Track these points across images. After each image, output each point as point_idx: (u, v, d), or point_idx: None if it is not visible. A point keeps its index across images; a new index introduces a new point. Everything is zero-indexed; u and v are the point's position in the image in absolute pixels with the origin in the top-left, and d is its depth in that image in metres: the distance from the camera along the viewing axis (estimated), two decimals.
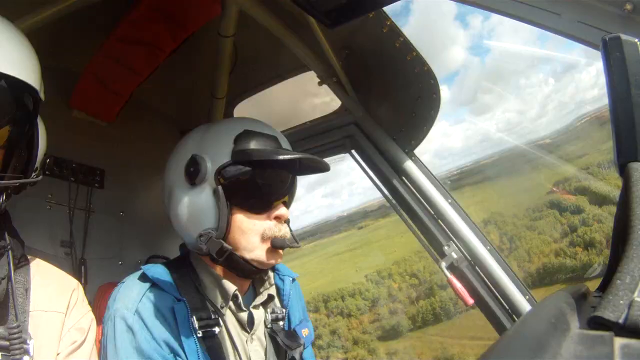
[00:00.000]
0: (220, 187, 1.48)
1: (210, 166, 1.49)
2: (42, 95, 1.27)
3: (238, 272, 1.57)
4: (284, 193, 1.59)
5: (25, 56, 1.20)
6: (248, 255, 1.51)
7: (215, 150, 1.52)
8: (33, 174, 1.29)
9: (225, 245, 1.47)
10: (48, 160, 1.37)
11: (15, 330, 1.15)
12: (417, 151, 2.48)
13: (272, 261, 1.54)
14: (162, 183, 1.66)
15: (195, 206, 1.51)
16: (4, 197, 1.20)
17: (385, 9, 1.95)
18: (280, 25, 2.19)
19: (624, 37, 0.69)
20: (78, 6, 1.93)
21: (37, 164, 1.31)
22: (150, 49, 2.20)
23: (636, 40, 0.69)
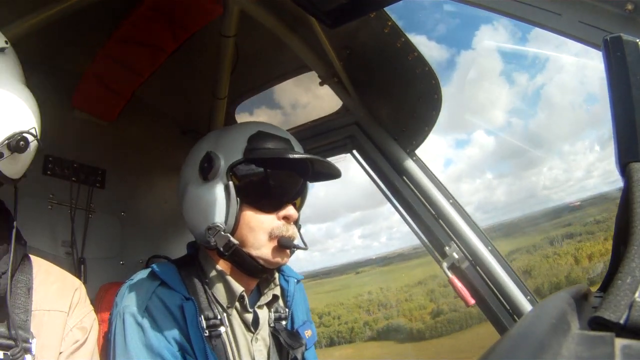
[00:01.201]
0: (231, 184, 1.52)
1: (223, 163, 1.54)
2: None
3: (244, 269, 1.58)
4: (294, 195, 1.63)
5: None
6: (255, 253, 1.54)
7: (229, 148, 1.57)
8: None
9: (232, 240, 1.51)
10: (22, 142, 1.18)
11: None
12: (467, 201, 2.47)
13: (279, 260, 1.56)
14: (178, 180, 1.71)
15: (206, 200, 1.55)
16: None
17: (386, 9, 1.95)
18: (282, 26, 2.20)
19: (625, 37, 0.69)
20: (79, 6, 1.94)
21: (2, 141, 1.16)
22: (152, 49, 2.20)
23: (637, 40, 0.69)
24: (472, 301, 2.28)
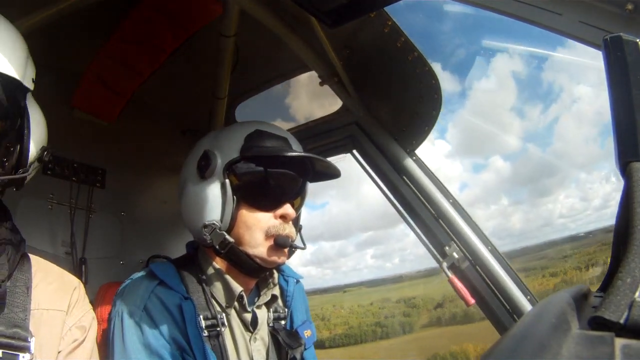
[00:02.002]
0: (227, 182, 1.53)
1: (220, 161, 1.55)
2: (28, 84, 1.24)
3: (241, 268, 1.58)
4: (292, 194, 1.63)
5: (9, 47, 1.17)
6: (251, 251, 1.54)
7: (226, 146, 1.58)
8: (22, 169, 1.24)
9: (228, 237, 1.51)
10: (46, 153, 1.32)
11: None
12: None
13: (275, 259, 1.56)
14: (179, 179, 1.71)
15: (202, 198, 1.56)
16: None
17: (386, 8, 1.95)
18: (282, 25, 2.19)
19: (625, 36, 0.69)
20: (79, 6, 1.93)
21: (33, 158, 1.28)
22: (152, 49, 2.20)
23: (637, 40, 0.69)
24: (472, 301, 2.28)
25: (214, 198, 1.54)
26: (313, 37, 2.19)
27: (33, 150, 1.27)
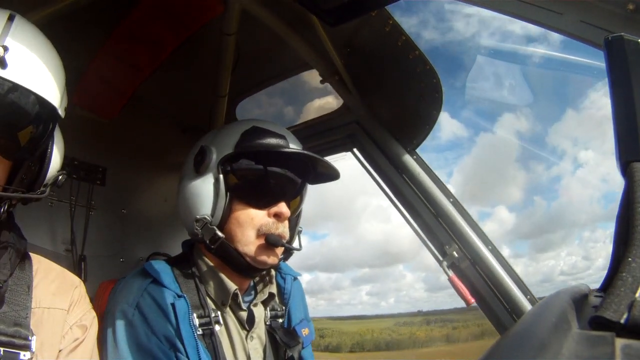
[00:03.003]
0: (221, 177, 1.53)
1: (215, 156, 1.56)
2: (61, 112, 1.29)
3: (233, 266, 1.58)
4: (288, 193, 1.62)
5: (53, 74, 1.23)
6: (241, 249, 1.53)
7: (222, 142, 1.58)
8: (42, 189, 1.30)
9: (218, 232, 1.51)
10: (60, 177, 1.38)
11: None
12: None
13: (265, 258, 1.55)
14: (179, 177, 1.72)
15: (195, 192, 1.57)
16: (6, 207, 1.21)
17: (387, 7, 1.95)
18: (283, 24, 2.19)
19: (626, 36, 0.69)
20: (80, 4, 1.93)
21: (48, 180, 1.33)
22: (153, 47, 2.20)
23: (638, 39, 0.69)
24: (472, 300, 2.28)
25: (206, 193, 1.55)
26: (314, 35, 2.19)
27: (50, 173, 1.32)
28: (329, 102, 2.68)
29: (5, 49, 1.10)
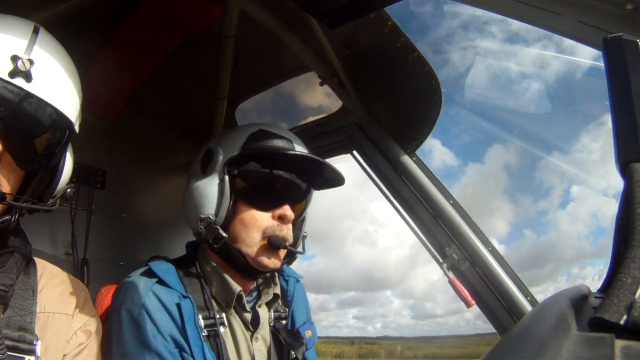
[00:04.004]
0: (227, 178, 1.54)
1: (221, 158, 1.57)
2: (77, 128, 1.33)
3: (235, 267, 1.58)
4: (294, 197, 1.63)
5: (73, 90, 1.28)
6: (245, 249, 1.54)
7: (229, 144, 1.60)
8: (51, 200, 1.33)
9: (221, 232, 1.52)
10: (69, 190, 1.41)
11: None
12: None
13: (267, 260, 1.55)
14: (182, 180, 1.76)
15: (201, 192, 1.58)
16: (16, 216, 1.22)
17: (386, 9, 1.95)
18: (282, 26, 2.20)
19: (625, 37, 0.69)
20: (79, 7, 1.93)
21: (57, 192, 1.35)
22: (152, 50, 2.20)
23: (637, 40, 0.69)
24: (472, 302, 2.28)
25: (211, 192, 1.56)
26: (313, 37, 2.19)
27: (60, 185, 1.36)
28: (328, 104, 2.69)
29: (32, 62, 1.13)
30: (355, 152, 2.64)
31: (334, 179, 1.70)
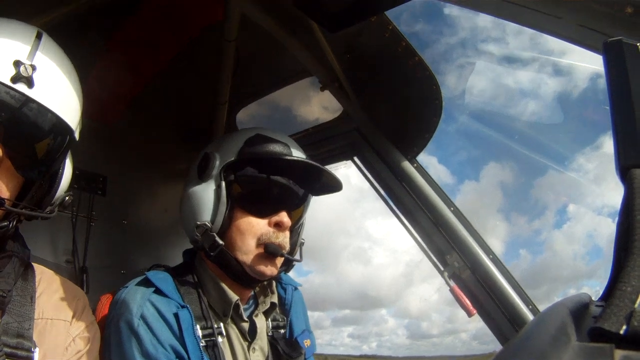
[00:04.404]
0: (223, 184, 1.52)
1: (218, 163, 1.55)
2: (77, 135, 1.31)
3: (232, 275, 1.56)
4: (291, 203, 1.61)
5: (75, 97, 1.28)
6: (241, 257, 1.52)
7: (226, 149, 1.58)
8: (49, 208, 1.32)
9: (218, 240, 1.49)
10: (68, 198, 1.41)
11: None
12: None
13: (263, 268, 1.53)
14: (182, 185, 1.73)
15: (197, 198, 1.56)
16: (14, 222, 1.22)
17: (387, 13, 1.95)
18: (282, 30, 2.20)
19: (625, 40, 0.69)
20: (81, 10, 1.94)
21: (56, 200, 1.35)
22: (153, 54, 2.21)
23: (637, 43, 0.68)
24: (474, 311, 2.26)
25: (208, 199, 1.54)
26: (314, 42, 2.19)
27: (59, 193, 1.35)
28: (329, 109, 2.68)
29: (34, 68, 1.13)
30: (356, 159, 2.64)
31: (332, 185, 1.68)
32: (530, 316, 2.15)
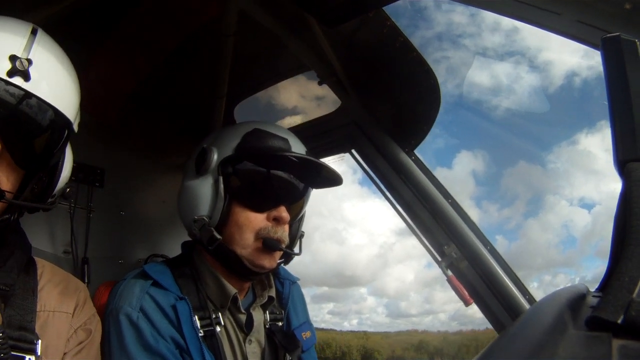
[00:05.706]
0: (221, 179, 1.52)
1: (215, 158, 1.55)
2: (75, 127, 1.33)
3: (231, 268, 1.57)
4: (289, 198, 1.61)
5: (71, 90, 1.29)
6: (239, 251, 1.52)
7: (224, 144, 1.58)
8: (50, 200, 1.34)
9: (216, 234, 1.50)
10: (68, 190, 1.49)
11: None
12: None
13: (262, 262, 1.54)
14: (179, 178, 1.74)
15: (195, 193, 1.57)
16: (16, 215, 1.23)
17: (385, 8, 1.95)
18: (281, 25, 2.19)
19: (623, 36, 0.69)
20: (78, 5, 1.92)
21: (56, 192, 1.37)
22: (151, 48, 2.20)
23: (636, 39, 0.69)
24: (470, 300, 2.28)
25: (205, 193, 1.55)
26: (312, 36, 2.19)
27: (59, 185, 1.38)
28: (327, 103, 2.68)
29: (30, 62, 1.14)
30: (353, 151, 2.64)
31: (332, 179, 1.68)
32: (526, 305, 2.17)
